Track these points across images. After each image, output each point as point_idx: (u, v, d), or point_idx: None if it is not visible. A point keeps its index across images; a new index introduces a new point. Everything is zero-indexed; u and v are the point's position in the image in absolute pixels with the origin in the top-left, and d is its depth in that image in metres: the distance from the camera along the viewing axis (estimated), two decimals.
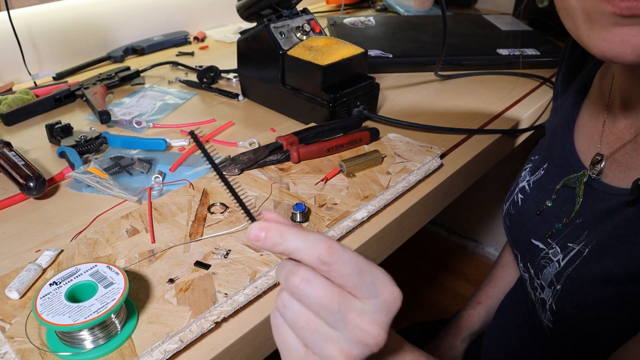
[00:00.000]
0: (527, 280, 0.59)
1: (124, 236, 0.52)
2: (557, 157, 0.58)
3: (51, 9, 0.99)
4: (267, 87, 0.82)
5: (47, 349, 0.40)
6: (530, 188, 0.61)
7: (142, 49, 1.10)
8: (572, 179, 0.54)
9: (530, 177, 0.62)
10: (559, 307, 0.50)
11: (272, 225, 0.31)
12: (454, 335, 0.79)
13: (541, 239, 0.55)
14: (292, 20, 0.79)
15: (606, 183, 0.50)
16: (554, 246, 0.53)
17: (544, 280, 0.53)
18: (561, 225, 0.53)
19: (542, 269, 0.53)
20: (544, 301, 0.53)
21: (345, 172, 0.63)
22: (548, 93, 0.91)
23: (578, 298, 0.48)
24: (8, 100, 0.82)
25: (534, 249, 0.56)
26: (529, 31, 1.18)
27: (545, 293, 0.53)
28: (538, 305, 0.55)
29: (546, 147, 0.62)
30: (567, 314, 0.50)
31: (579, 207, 0.52)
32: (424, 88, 0.93)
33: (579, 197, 0.52)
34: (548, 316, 0.53)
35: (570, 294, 0.49)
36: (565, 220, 0.53)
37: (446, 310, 1.59)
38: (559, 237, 0.53)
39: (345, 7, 1.47)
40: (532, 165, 0.64)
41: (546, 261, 0.53)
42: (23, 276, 0.46)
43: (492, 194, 1.67)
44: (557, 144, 0.59)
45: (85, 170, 0.64)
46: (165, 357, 0.40)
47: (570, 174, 0.55)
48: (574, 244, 0.50)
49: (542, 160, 0.61)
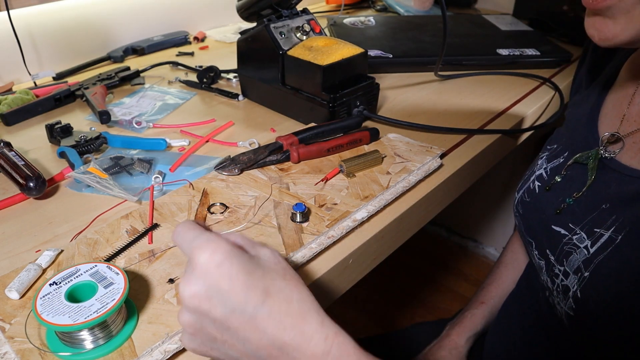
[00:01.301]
0: (544, 267, 0.58)
1: (124, 236, 0.52)
2: (579, 146, 0.58)
3: (51, 9, 0.99)
4: (267, 87, 0.82)
5: (47, 349, 0.40)
6: (547, 175, 0.61)
7: (142, 49, 1.10)
8: (584, 155, 0.55)
9: (548, 165, 0.62)
10: (585, 295, 0.50)
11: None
12: (458, 335, 0.78)
13: (563, 225, 0.55)
14: (292, 20, 0.79)
15: (625, 164, 0.51)
16: (578, 232, 0.52)
17: (570, 267, 0.52)
18: (572, 200, 0.53)
19: (567, 255, 0.53)
20: (567, 288, 0.52)
21: (345, 172, 0.63)
22: (548, 93, 0.91)
23: (608, 286, 0.48)
24: (8, 100, 0.82)
25: (554, 235, 0.56)
26: (529, 31, 1.18)
27: (569, 280, 0.52)
28: (558, 292, 0.55)
29: (568, 136, 0.62)
30: (592, 301, 0.49)
31: (590, 182, 0.52)
32: (424, 88, 0.93)
33: (591, 172, 0.53)
34: (570, 304, 0.52)
35: (599, 282, 0.49)
36: (575, 194, 0.53)
37: (446, 310, 1.59)
38: (582, 223, 0.52)
39: (345, 7, 1.47)
40: (549, 154, 0.64)
41: (571, 247, 0.53)
42: (23, 276, 0.46)
43: (492, 194, 1.67)
44: (581, 133, 0.59)
45: (85, 170, 0.64)
46: (165, 357, 0.40)
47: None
48: (602, 230, 0.50)
49: (563, 149, 0.62)
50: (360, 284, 0.58)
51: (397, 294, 1.67)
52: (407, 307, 1.63)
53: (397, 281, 1.71)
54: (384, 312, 1.61)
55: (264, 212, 0.56)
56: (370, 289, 1.65)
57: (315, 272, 0.51)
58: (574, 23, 1.16)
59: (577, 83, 0.70)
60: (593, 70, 0.66)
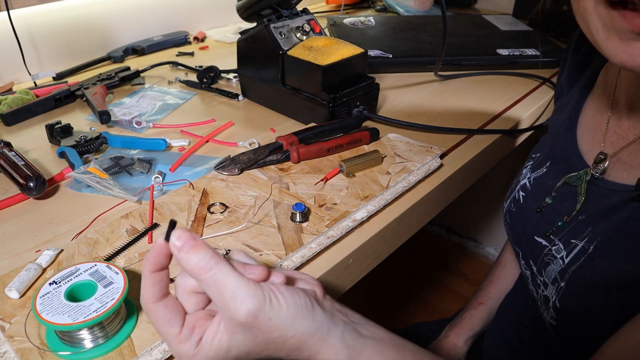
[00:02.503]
0: (529, 277, 0.59)
1: (124, 236, 0.52)
2: (560, 156, 0.58)
3: (51, 9, 0.99)
4: (267, 87, 0.82)
5: (46, 348, 0.40)
6: (531, 185, 0.61)
7: (142, 49, 1.10)
8: (573, 177, 0.54)
9: (531, 175, 0.62)
10: (563, 304, 0.50)
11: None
12: (456, 336, 0.78)
13: (543, 236, 0.55)
14: (292, 21, 0.79)
15: (610, 180, 0.50)
16: (556, 243, 0.53)
17: (548, 277, 0.53)
18: (562, 223, 0.53)
19: (546, 266, 0.53)
20: (547, 298, 0.53)
21: (345, 172, 0.63)
22: (548, 93, 0.91)
23: (583, 296, 0.48)
24: (8, 100, 0.83)
25: (536, 246, 0.56)
26: (529, 31, 1.18)
27: (548, 290, 0.52)
28: (541, 302, 0.55)
29: (549, 145, 0.62)
30: (570, 311, 0.50)
31: (580, 205, 0.52)
32: (424, 88, 0.93)
33: (580, 195, 0.52)
34: (551, 314, 0.52)
35: (574, 292, 0.49)
36: (566, 218, 0.53)
37: (446, 310, 1.59)
38: (561, 234, 0.53)
39: (345, 7, 1.47)
40: (533, 163, 0.64)
41: (549, 258, 0.53)
42: (23, 276, 0.46)
43: (492, 194, 1.67)
44: (560, 142, 0.59)
45: (85, 170, 0.64)
46: (164, 357, 0.40)
47: (573, 172, 0.55)
48: (577, 240, 0.50)
49: (545, 159, 0.61)
50: (360, 284, 0.58)
51: (397, 294, 1.67)
52: (407, 307, 1.63)
53: (397, 281, 1.71)
54: (384, 312, 1.61)
55: (263, 212, 0.56)
56: (370, 289, 1.65)
57: (315, 272, 0.51)
58: (574, 23, 1.16)
59: (558, 89, 0.69)
60: (573, 75, 0.65)
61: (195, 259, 0.33)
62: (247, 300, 0.33)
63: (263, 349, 0.35)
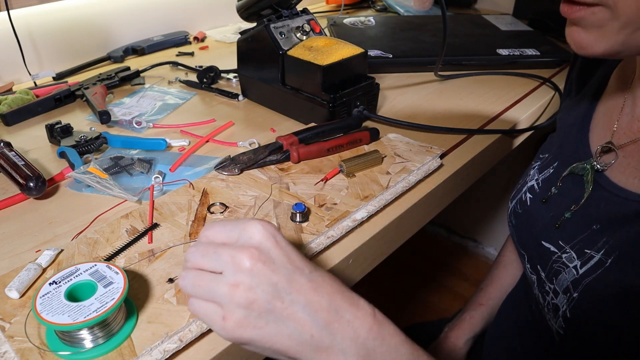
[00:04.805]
0: (535, 282, 0.57)
1: (124, 236, 0.52)
2: (569, 156, 0.57)
3: (51, 9, 0.99)
4: (267, 87, 0.82)
5: (46, 348, 0.40)
6: (539, 187, 0.60)
7: (142, 49, 1.10)
8: (579, 166, 0.54)
9: (539, 176, 0.61)
10: (574, 315, 0.49)
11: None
12: (457, 337, 0.78)
13: (551, 241, 0.54)
14: (292, 21, 0.79)
15: (617, 184, 0.50)
16: (568, 250, 0.51)
17: (559, 286, 0.51)
18: (570, 214, 0.53)
19: (557, 274, 0.52)
20: (557, 307, 0.52)
21: (345, 172, 0.63)
22: (548, 93, 0.91)
23: (596, 308, 0.47)
24: (8, 100, 0.83)
25: (544, 251, 0.55)
26: (529, 31, 1.18)
27: (559, 299, 0.51)
28: (548, 310, 0.54)
29: (558, 145, 0.61)
30: (581, 322, 0.49)
31: (588, 194, 0.51)
32: (424, 88, 0.93)
33: (588, 183, 0.52)
34: (560, 322, 0.52)
35: (587, 303, 0.48)
36: (573, 207, 0.52)
37: (446, 310, 1.59)
38: (573, 242, 0.51)
39: (345, 7, 1.47)
40: (540, 164, 0.63)
41: (560, 266, 0.52)
42: (23, 276, 0.46)
43: (492, 194, 1.67)
44: (571, 142, 0.58)
45: (85, 170, 0.64)
46: (164, 357, 0.40)
47: (578, 162, 0.54)
48: (592, 251, 0.49)
49: (553, 159, 0.60)
50: (360, 284, 0.58)
51: (397, 294, 1.67)
52: (407, 307, 1.63)
53: (397, 281, 1.71)
54: (384, 312, 1.61)
55: (263, 212, 0.56)
56: (370, 289, 1.65)
57: None
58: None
59: (567, 87, 0.69)
60: (583, 74, 0.65)
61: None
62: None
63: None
